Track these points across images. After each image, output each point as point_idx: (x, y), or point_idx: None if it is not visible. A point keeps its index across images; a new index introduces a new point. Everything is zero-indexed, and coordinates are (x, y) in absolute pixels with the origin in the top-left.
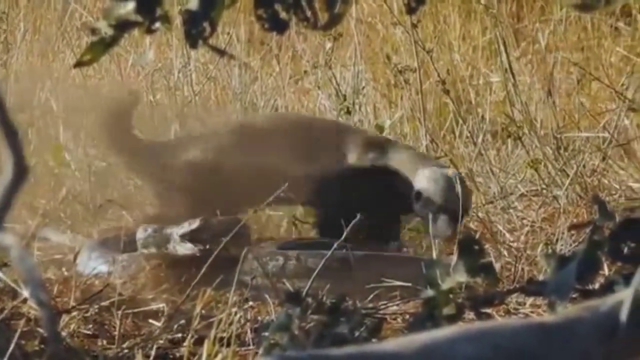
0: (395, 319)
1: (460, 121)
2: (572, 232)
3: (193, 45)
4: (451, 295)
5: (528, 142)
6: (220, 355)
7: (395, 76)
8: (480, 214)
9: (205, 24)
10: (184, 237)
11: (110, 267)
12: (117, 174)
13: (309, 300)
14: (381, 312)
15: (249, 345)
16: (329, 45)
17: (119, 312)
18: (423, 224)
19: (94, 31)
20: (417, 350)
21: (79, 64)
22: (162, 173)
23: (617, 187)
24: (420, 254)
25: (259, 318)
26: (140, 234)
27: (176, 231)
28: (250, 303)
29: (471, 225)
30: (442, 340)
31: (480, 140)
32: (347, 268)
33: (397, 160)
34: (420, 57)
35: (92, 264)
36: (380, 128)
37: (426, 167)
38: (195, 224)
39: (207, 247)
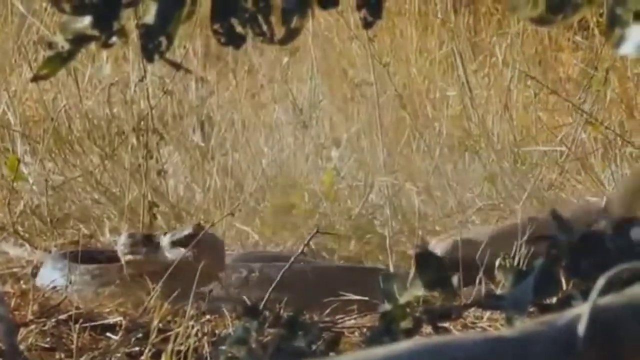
0: (352, 333)
1: (417, 135)
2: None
3: (150, 59)
4: (408, 309)
5: (485, 156)
6: None
7: (352, 90)
8: (437, 228)
9: (162, 38)
10: (175, 244)
11: (68, 279)
12: (74, 187)
13: (267, 313)
14: (339, 325)
15: (206, 359)
16: (285, 59)
17: (77, 326)
18: None
19: (50, 45)
20: None
21: (36, 78)
22: None
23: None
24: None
25: (217, 331)
26: (123, 240)
27: (168, 237)
28: (208, 316)
29: (429, 238)
30: (400, 354)
31: (437, 154)
32: (305, 281)
33: None
34: (377, 71)
35: (52, 276)
36: (337, 142)
37: None
38: (188, 229)
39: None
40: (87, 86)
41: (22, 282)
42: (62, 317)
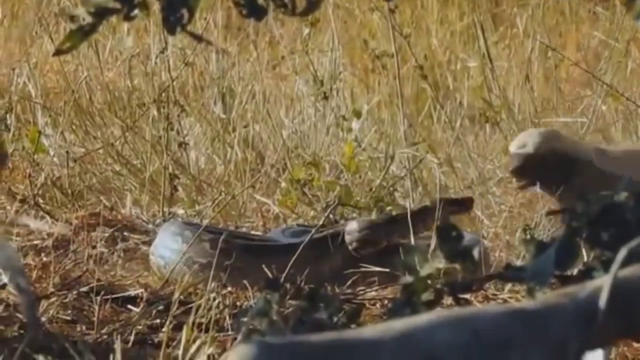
0: (374, 305)
1: (438, 106)
2: (551, 217)
3: (171, 31)
4: (429, 281)
5: (506, 127)
6: (198, 341)
7: (372, 61)
8: None
9: (183, 10)
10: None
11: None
12: (95, 159)
13: (288, 285)
14: (360, 297)
15: (227, 331)
16: (306, 31)
17: (98, 298)
18: None
19: (72, 18)
20: (396, 337)
21: (58, 53)
22: None
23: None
24: None
25: (238, 304)
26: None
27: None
28: (229, 288)
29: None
30: (421, 326)
31: (458, 125)
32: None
33: None
34: (397, 42)
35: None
36: (357, 114)
37: None
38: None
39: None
40: (108, 58)
41: (43, 254)
42: (83, 289)
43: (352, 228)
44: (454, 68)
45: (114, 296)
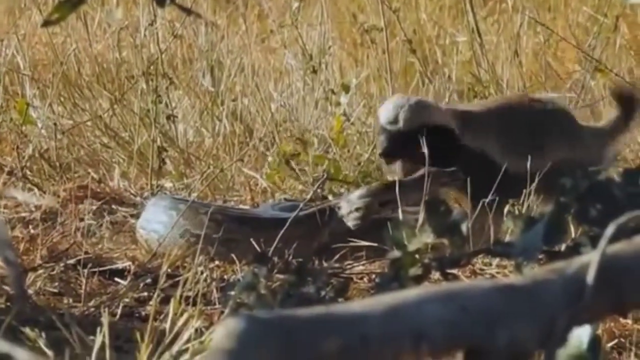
0: (361, 279)
1: (427, 81)
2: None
3: (160, 3)
4: (417, 256)
5: None
6: (186, 314)
7: (361, 35)
8: None
9: None
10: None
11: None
12: (84, 132)
13: (276, 259)
14: (347, 272)
15: (215, 304)
16: (295, 4)
17: (85, 271)
18: None
19: None
20: (384, 311)
21: (46, 24)
22: None
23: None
24: None
25: (225, 277)
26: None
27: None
28: (217, 262)
29: None
30: (409, 301)
31: (446, 100)
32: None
33: None
34: (386, 16)
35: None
36: (346, 88)
37: None
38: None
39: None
40: (96, 30)
41: (30, 227)
42: (71, 262)
43: (351, 197)
44: (443, 43)
45: (101, 269)
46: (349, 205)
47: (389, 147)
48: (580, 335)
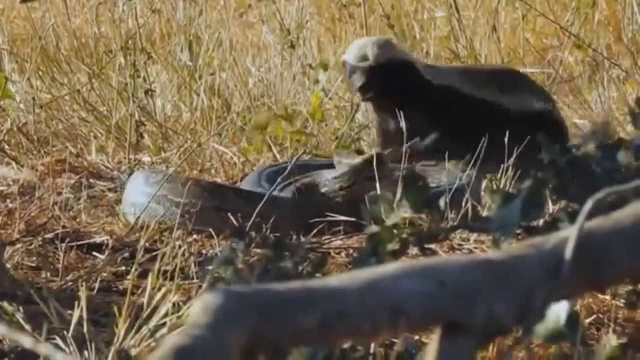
0: (339, 254)
1: None
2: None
3: None
4: (395, 231)
5: None
6: (163, 289)
7: (339, 10)
8: None
9: None
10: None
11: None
12: (62, 106)
13: (253, 234)
14: (325, 246)
15: (192, 279)
16: None
17: (63, 245)
18: None
19: None
20: (362, 286)
21: (26, 0)
22: None
23: None
24: None
25: (203, 252)
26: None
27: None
28: (195, 236)
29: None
30: (387, 275)
31: None
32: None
33: None
34: None
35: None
36: (324, 66)
37: None
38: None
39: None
40: (75, 5)
41: (8, 200)
42: (49, 236)
43: (335, 174)
44: (421, 18)
45: (79, 243)
46: (333, 183)
47: (365, 82)
48: (559, 311)
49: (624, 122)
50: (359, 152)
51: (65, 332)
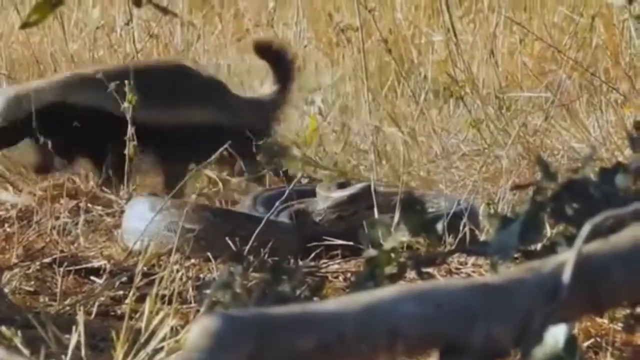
0: (337, 278)
1: (403, 80)
2: (515, 192)
3: (137, 3)
4: (393, 255)
5: (470, 102)
6: (162, 313)
7: (337, 35)
8: (422, 173)
9: None
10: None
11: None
12: None
13: (251, 258)
14: (323, 270)
15: (190, 303)
16: (271, 3)
17: (61, 269)
18: None
19: None
20: (359, 310)
21: (25, 26)
22: None
23: (560, 147)
24: None
25: (201, 276)
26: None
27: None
28: (192, 260)
29: (413, 184)
30: (384, 299)
31: (422, 99)
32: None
33: None
34: (362, 16)
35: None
36: (322, 87)
37: None
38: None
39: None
40: (73, 30)
41: (6, 225)
42: (47, 260)
43: (318, 208)
44: (419, 42)
45: (77, 267)
46: (329, 213)
47: None
48: (557, 334)
49: (622, 146)
50: (342, 185)
51: (63, 357)
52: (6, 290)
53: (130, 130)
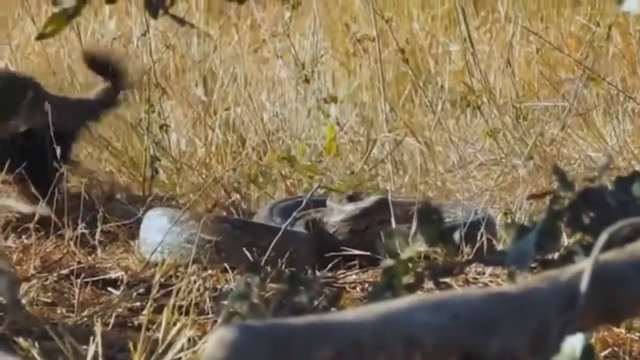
0: (354, 288)
1: (419, 90)
2: (532, 201)
3: (153, 14)
4: (410, 265)
5: (487, 111)
6: (179, 324)
7: (354, 45)
8: (439, 183)
9: None
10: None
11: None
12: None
13: (268, 269)
14: (340, 281)
15: (208, 313)
16: (287, 14)
17: (78, 281)
18: None
19: (55, 1)
20: (377, 320)
21: (41, 37)
22: None
23: (577, 156)
24: None
25: (218, 287)
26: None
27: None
28: (210, 271)
29: (430, 194)
30: (402, 308)
31: (439, 109)
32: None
33: None
34: (379, 26)
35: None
36: (334, 99)
37: None
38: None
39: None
40: (89, 40)
41: (24, 236)
42: (64, 271)
43: (334, 220)
44: (436, 52)
45: (94, 279)
46: (344, 226)
47: None
48: (574, 344)
49: (638, 155)
50: (352, 197)
51: None
52: (24, 301)
53: None
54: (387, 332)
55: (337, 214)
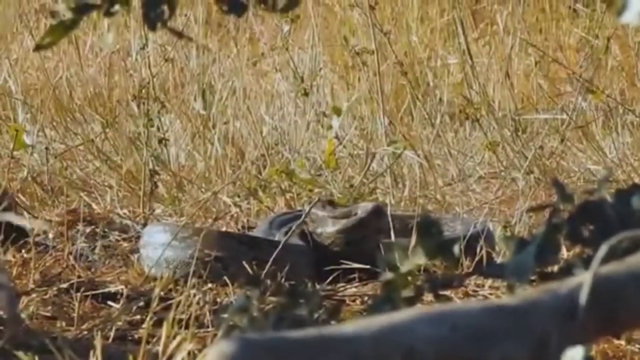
0: (354, 301)
1: (418, 103)
2: (531, 214)
3: (152, 27)
4: (410, 278)
5: (486, 124)
6: (179, 337)
7: (352, 58)
8: (438, 196)
9: (164, 7)
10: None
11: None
12: (76, 156)
13: (268, 282)
14: (340, 294)
15: (207, 327)
16: (286, 27)
17: (78, 294)
18: None
19: (53, 14)
20: (376, 332)
21: (38, 48)
22: None
23: (576, 169)
24: None
25: (218, 300)
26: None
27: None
28: (209, 285)
29: (429, 207)
30: (401, 321)
31: (438, 122)
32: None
33: None
34: (377, 39)
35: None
36: (338, 111)
37: None
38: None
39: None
40: (88, 54)
41: (23, 250)
42: (64, 285)
43: (329, 231)
44: (434, 65)
45: (94, 292)
46: (339, 237)
47: None
48: (573, 356)
49: (638, 168)
50: (331, 202)
51: None
52: (23, 315)
53: None
54: (386, 345)
55: (332, 225)
